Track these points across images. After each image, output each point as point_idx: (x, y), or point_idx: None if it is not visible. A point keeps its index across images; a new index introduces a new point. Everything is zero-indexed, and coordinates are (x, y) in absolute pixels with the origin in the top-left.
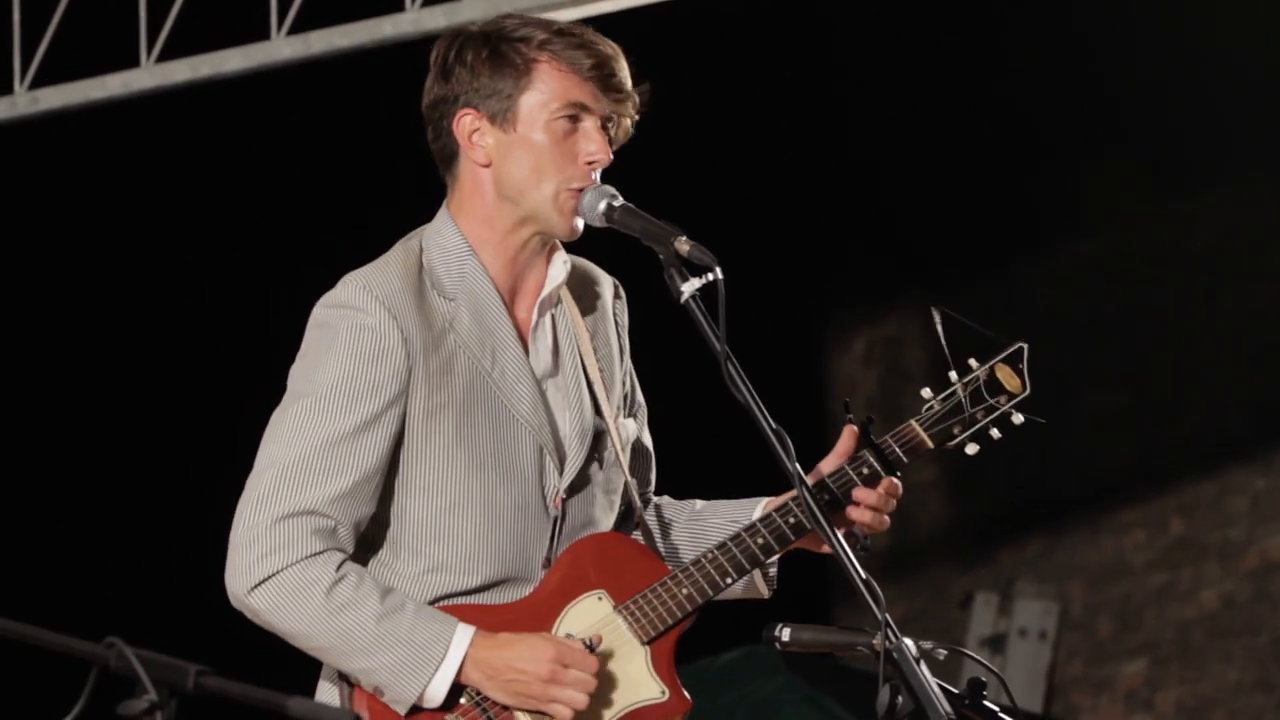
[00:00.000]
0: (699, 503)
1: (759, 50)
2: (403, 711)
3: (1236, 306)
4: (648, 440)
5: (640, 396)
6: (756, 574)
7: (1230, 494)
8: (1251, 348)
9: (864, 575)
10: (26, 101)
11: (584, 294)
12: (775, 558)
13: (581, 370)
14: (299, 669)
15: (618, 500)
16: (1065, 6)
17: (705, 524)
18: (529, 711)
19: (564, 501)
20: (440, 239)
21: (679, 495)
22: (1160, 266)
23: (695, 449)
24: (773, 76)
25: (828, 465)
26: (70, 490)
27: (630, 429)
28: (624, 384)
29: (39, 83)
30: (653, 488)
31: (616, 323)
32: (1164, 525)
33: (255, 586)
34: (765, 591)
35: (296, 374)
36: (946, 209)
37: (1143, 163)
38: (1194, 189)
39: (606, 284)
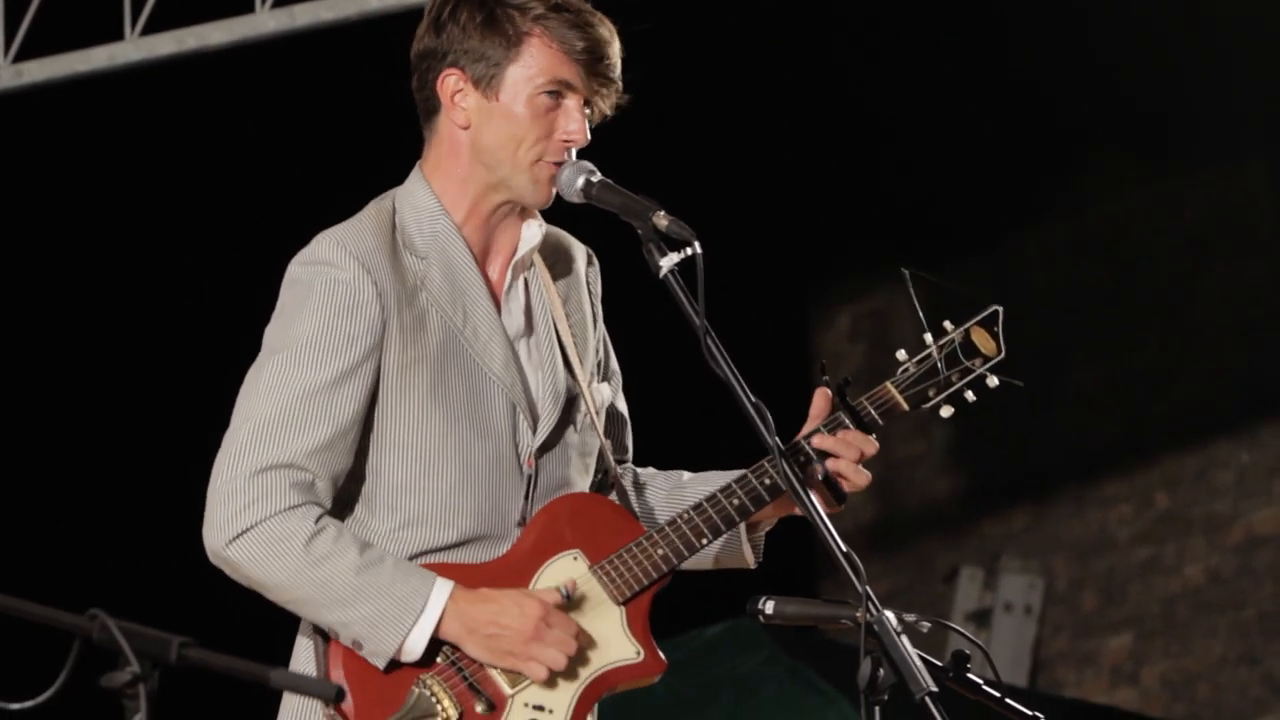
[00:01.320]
0: (685, 474)
1: (745, 27)
2: (381, 665)
3: (1224, 282)
4: (623, 406)
5: (615, 364)
6: (744, 543)
7: (1215, 468)
8: (1238, 323)
9: (844, 548)
10: (10, 74)
11: (557, 260)
12: (764, 530)
13: (554, 333)
14: (283, 637)
15: (593, 464)
16: None
17: (686, 492)
18: (504, 670)
19: (537, 461)
20: (413, 199)
21: (662, 469)
22: (1148, 241)
23: (676, 424)
24: (760, 53)
25: (805, 430)
26: (51, 464)
27: (605, 393)
28: (598, 350)
29: (23, 56)
30: (630, 454)
31: (589, 290)
32: (1149, 499)
33: (234, 539)
34: (751, 561)
35: (272, 331)
36: (934, 183)
37: (1132, 138)
38: (1183, 165)
39: (580, 251)
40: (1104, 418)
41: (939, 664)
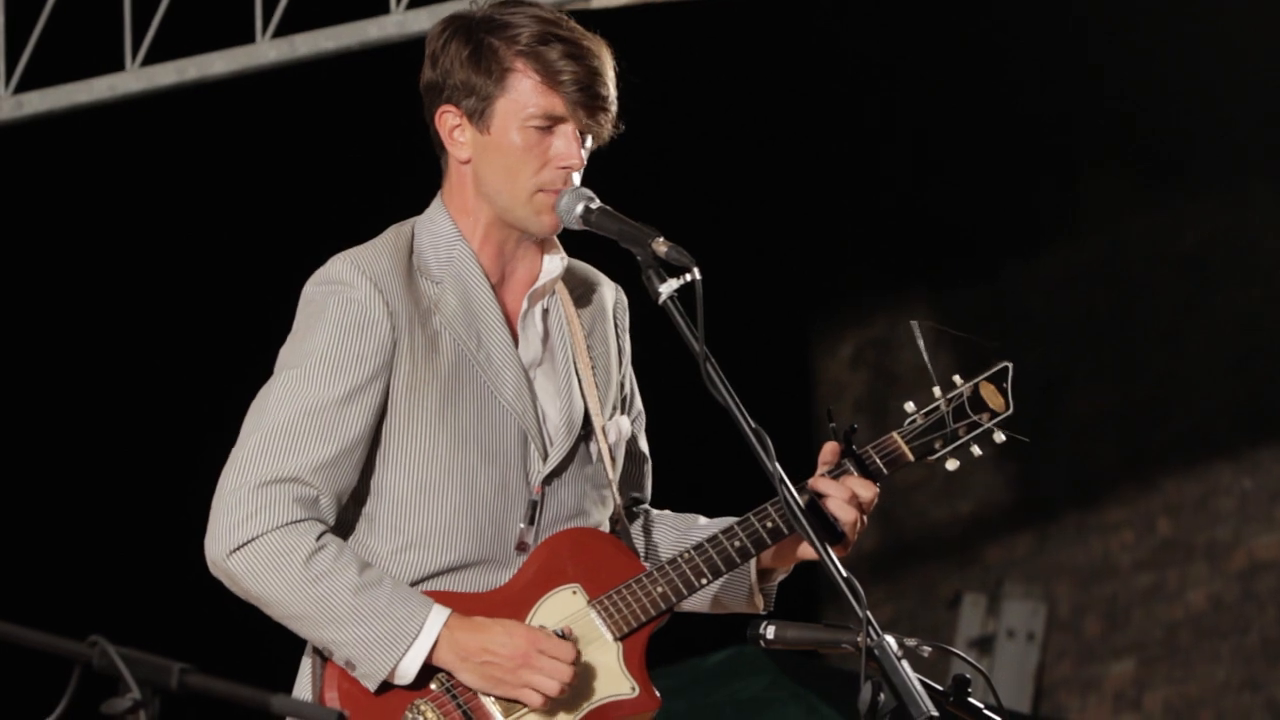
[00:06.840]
0: (701, 518)
1: (748, 53)
2: (372, 688)
3: (1224, 309)
4: (644, 446)
5: (639, 404)
6: (754, 590)
7: (1217, 494)
8: (1239, 349)
9: (844, 573)
10: (11, 106)
11: (584, 294)
12: (777, 578)
13: (573, 363)
14: (288, 660)
15: (610, 496)
16: (1059, 17)
17: (696, 534)
18: (499, 699)
19: (545, 488)
20: (432, 225)
21: (668, 500)
22: (1149, 269)
23: (682, 454)
24: (762, 80)
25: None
26: (54, 489)
27: (624, 428)
28: (622, 386)
29: (24, 87)
30: (648, 494)
31: (617, 325)
32: (1151, 526)
33: (234, 551)
34: (761, 606)
35: (285, 349)
36: (936, 212)
37: (1132, 167)
38: (1182, 193)
39: (608, 287)
40: (1106, 444)
41: (940, 689)
